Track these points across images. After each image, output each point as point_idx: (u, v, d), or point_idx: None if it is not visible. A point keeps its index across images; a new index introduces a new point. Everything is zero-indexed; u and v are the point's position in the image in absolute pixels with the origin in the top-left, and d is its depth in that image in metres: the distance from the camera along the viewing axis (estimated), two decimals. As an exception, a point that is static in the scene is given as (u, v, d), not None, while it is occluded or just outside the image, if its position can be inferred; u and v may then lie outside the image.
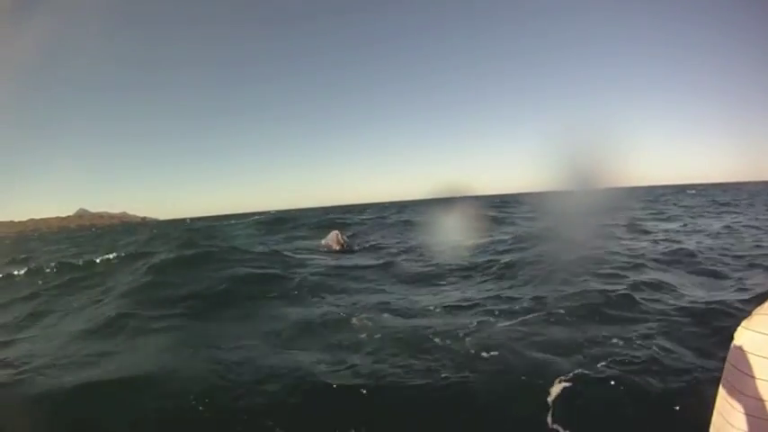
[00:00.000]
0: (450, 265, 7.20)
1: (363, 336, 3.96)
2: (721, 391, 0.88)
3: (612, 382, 2.85)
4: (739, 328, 0.87)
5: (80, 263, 9.35)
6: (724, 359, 0.87)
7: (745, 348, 0.82)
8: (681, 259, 6.62)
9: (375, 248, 10.77)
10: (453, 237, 10.12)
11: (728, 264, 6.41)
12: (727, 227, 10.65)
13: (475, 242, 9.76)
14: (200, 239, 12.36)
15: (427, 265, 7.46)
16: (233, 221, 29.68)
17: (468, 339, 3.66)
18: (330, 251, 10.60)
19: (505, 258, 7.18)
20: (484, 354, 3.36)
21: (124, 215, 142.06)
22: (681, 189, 44.16)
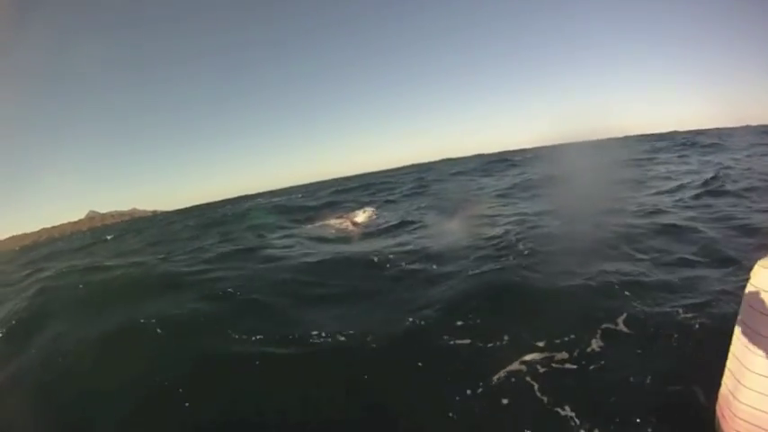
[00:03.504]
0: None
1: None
2: (737, 332, 0.90)
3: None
4: (756, 267, 0.90)
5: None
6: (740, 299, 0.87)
7: (763, 287, 0.82)
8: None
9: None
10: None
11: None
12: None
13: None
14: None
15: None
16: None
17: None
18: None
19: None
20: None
21: (134, 211, 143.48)
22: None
